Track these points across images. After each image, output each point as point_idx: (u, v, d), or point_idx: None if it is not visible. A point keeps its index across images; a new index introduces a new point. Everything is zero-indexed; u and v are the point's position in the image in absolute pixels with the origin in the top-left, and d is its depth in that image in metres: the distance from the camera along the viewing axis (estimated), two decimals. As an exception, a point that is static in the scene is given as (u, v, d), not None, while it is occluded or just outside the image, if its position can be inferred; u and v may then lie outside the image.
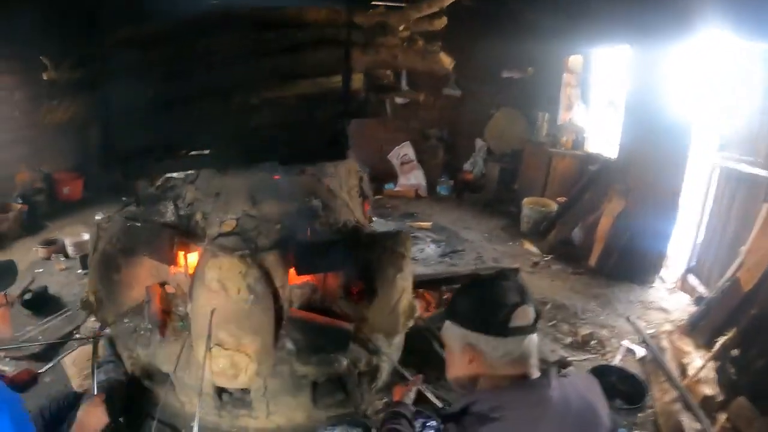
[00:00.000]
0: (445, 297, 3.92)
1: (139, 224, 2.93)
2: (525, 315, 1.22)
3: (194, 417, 2.76)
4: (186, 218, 2.89)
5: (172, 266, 2.92)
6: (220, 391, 2.74)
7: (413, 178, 7.13)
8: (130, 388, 2.83)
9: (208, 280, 2.46)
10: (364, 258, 2.80)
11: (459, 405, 1.26)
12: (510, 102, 6.72)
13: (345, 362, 2.70)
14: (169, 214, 3.03)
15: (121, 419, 2.70)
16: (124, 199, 5.71)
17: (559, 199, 5.76)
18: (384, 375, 3.00)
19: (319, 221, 2.78)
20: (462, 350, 1.27)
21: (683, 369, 3.16)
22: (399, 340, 3.08)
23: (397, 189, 7.11)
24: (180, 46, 2.68)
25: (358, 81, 2.77)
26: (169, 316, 2.90)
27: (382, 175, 7.15)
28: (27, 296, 3.93)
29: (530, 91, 6.50)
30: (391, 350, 2.98)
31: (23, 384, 2.18)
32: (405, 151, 7.25)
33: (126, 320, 2.98)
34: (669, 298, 4.40)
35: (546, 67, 6.25)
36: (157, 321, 2.79)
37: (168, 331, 2.83)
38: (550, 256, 5.25)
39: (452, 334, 1.31)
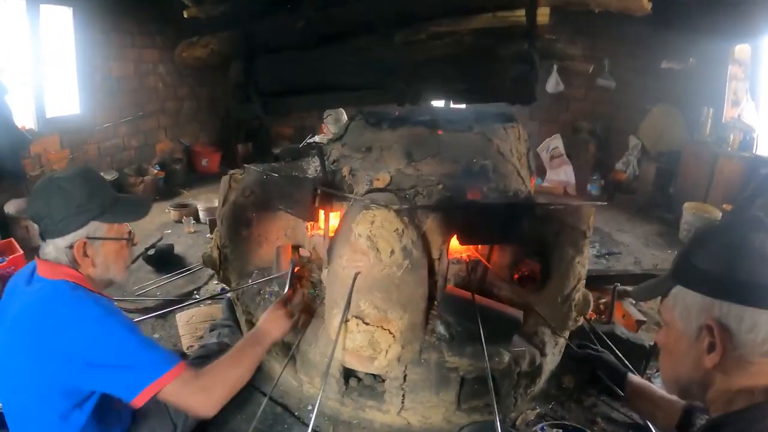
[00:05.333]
0: (604, 301, 3.25)
1: (276, 176, 2.64)
2: None
3: (310, 399, 2.41)
4: (331, 174, 2.54)
5: (310, 225, 2.58)
6: (348, 375, 2.33)
7: (562, 174, 6.44)
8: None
9: (355, 237, 2.03)
10: (538, 234, 2.27)
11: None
12: (668, 96, 5.89)
13: (507, 358, 2.17)
14: (311, 170, 2.71)
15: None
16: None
17: (724, 206, 4.95)
18: (543, 379, 2.44)
19: (488, 185, 2.29)
20: (699, 331, 0.87)
21: None
22: (564, 339, 2.51)
23: (544, 184, 6.43)
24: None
25: (544, 16, 2.26)
26: (300, 282, 2.57)
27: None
28: (151, 251, 3.82)
29: (691, 84, 5.64)
30: (555, 350, 2.41)
31: None
32: (555, 143, 6.54)
33: (251, 281, 2.69)
34: None
35: (709, 57, 5.39)
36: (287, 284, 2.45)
37: (297, 298, 2.49)
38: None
39: (684, 305, 0.90)
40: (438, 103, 3.27)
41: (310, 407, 2.42)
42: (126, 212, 1.58)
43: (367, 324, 2.02)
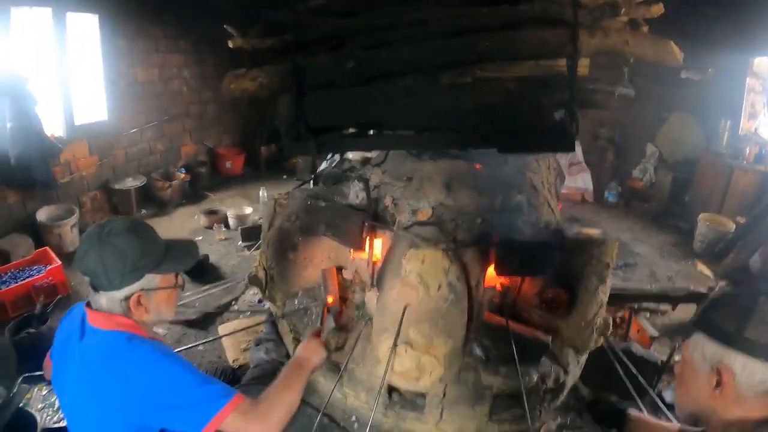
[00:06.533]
0: (620, 314, 3.48)
1: (322, 203, 2.82)
2: None
3: (354, 410, 2.64)
4: (374, 202, 2.73)
5: (355, 251, 2.78)
6: (391, 389, 2.55)
7: (580, 181, 6.57)
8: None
9: (405, 273, 2.24)
10: (566, 264, 2.48)
11: None
12: (685, 106, 6.00)
13: (536, 377, 2.40)
14: (351, 195, 2.90)
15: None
16: (284, 177, 5.85)
17: (738, 218, 5.12)
18: (565, 393, 2.68)
19: (522, 219, 2.49)
20: (710, 370, 1.14)
21: None
22: (584, 357, 2.74)
23: (562, 191, 6.52)
24: (385, 14, 2.49)
25: (584, 67, 2.41)
26: (344, 304, 2.78)
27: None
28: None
29: (709, 94, 5.76)
30: (577, 368, 2.64)
31: None
32: (575, 150, 6.65)
33: (296, 301, 2.89)
34: None
35: (728, 69, 5.52)
36: (334, 308, 2.66)
37: (344, 320, 2.70)
38: (724, 283, 4.58)
39: (702, 349, 1.17)
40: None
41: (354, 418, 2.66)
42: (178, 261, 1.65)
43: (414, 350, 2.24)
